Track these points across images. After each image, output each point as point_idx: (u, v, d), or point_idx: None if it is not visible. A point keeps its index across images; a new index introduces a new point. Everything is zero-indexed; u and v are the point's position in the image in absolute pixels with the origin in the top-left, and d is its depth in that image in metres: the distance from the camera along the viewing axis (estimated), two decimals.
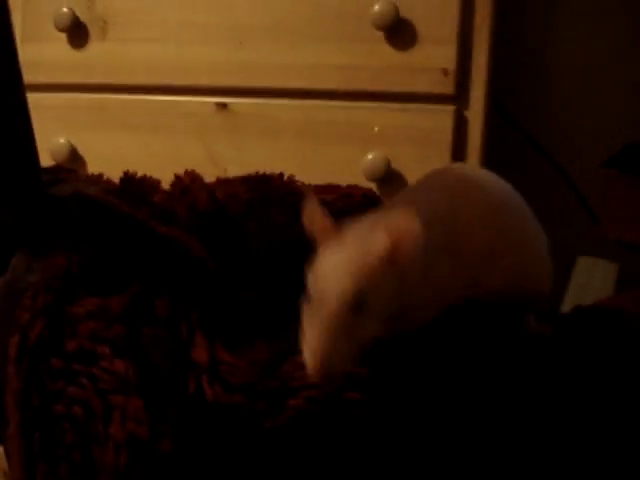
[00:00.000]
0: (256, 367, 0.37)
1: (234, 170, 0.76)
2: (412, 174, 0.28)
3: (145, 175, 0.73)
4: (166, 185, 0.72)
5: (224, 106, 0.95)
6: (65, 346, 0.37)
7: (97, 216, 0.43)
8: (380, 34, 0.88)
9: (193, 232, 0.56)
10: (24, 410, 0.36)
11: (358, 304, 0.31)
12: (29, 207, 0.43)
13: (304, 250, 0.38)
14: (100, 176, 0.70)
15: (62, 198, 0.44)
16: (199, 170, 0.71)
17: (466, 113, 0.89)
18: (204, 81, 0.96)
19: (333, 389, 0.35)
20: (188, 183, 0.74)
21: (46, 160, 0.53)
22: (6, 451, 0.38)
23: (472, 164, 0.89)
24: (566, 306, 0.88)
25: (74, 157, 0.99)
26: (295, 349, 0.36)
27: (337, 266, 0.32)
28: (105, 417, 0.34)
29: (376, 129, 0.90)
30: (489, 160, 0.91)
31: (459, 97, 0.88)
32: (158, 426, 0.33)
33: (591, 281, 0.95)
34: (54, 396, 0.36)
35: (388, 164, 0.88)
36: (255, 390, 0.36)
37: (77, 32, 0.98)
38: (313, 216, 0.35)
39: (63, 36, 0.98)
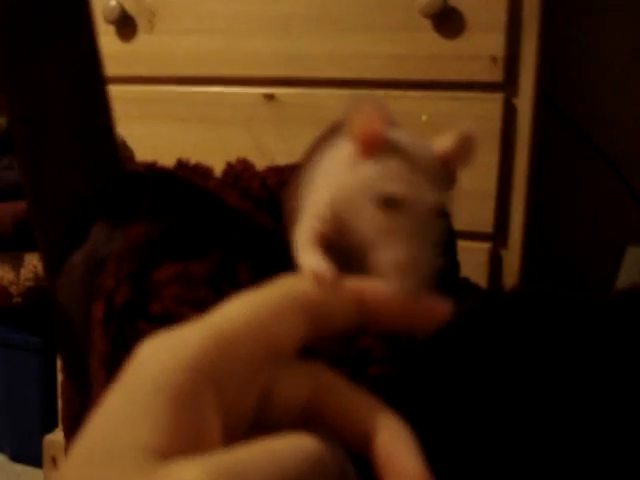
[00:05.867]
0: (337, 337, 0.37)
1: (281, 160, 0.76)
2: None
3: (198, 162, 0.74)
4: (215, 174, 0.73)
5: (271, 97, 0.95)
6: (150, 309, 0.37)
7: (173, 189, 0.44)
8: (428, 22, 0.89)
9: None
10: (111, 372, 0.36)
11: (442, 212, 0.30)
12: (108, 181, 0.43)
13: None
14: (154, 163, 0.71)
15: (138, 173, 0.45)
16: None
17: (515, 101, 0.88)
18: (251, 72, 0.96)
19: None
20: (240, 170, 0.75)
21: None
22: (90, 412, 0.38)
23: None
24: None
25: (123, 149, 1.00)
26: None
27: (422, 173, 0.29)
28: None
29: (424, 117, 0.90)
30: (538, 149, 0.91)
31: (508, 85, 0.88)
32: None
33: None
34: None
35: None
36: (338, 359, 0.36)
37: (125, 25, 0.99)
38: (365, 116, 0.30)
39: (111, 29, 0.99)
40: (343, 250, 0.35)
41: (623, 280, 0.92)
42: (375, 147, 0.30)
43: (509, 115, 0.88)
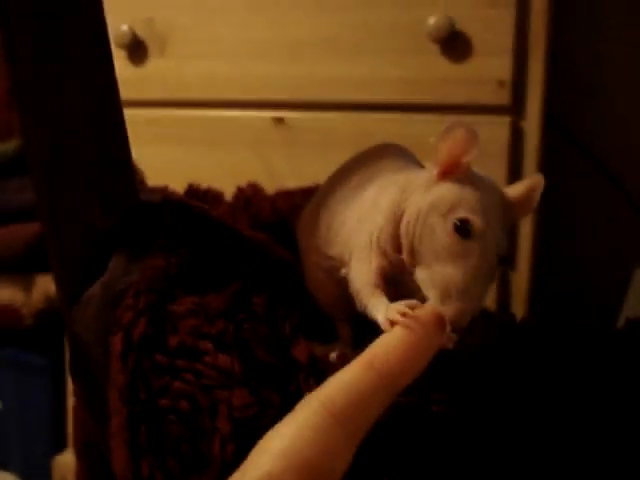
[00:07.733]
0: None
1: (291, 183, 0.77)
2: None
3: (209, 187, 0.75)
4: (226, 198, 0.74)
5: (281, 120, 0.96)
6: (168, 343, 0.38)
7: (188, 220, 0.45)
8: (435, 47, 0.89)
9: None
10: (131, 405, 0.37)
11: (502, 258, 0.32)
12: (125, 213, 0.44)
13: None
14: (165, 188, 0.72)
15: (154, 204, 0.45)
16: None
17: (522, 124, 0.89)
18: (260, 96, 0.97)
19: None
20: (250, 195, 0.76)
21: None
22: (108, 447, 0.39)
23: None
24: (624, 318, 0.88)
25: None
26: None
27: (495, 212, 0.32)
28: (211, 411, 0.35)
29: (432, 140, 0.91)
30: (545, 172, 0.91)
31: (515, 108, 0.89)
32: (266, 412, 0.34)
33: None
34: (160, 391, 0.37)
35: None
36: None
37: (136, 49, 1.00)
38: (456, 143, 0.33)
39: (123, 53, 1.01)
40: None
41: (631, 302, 0.93)
42: (456, 172, 0.33)
43: (516, 138, 0.89)
